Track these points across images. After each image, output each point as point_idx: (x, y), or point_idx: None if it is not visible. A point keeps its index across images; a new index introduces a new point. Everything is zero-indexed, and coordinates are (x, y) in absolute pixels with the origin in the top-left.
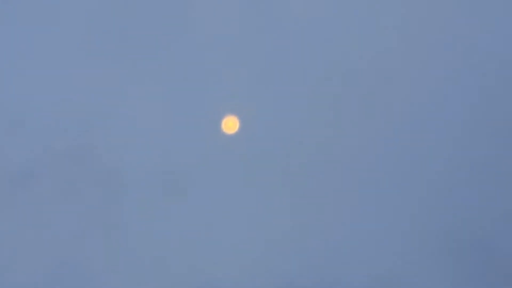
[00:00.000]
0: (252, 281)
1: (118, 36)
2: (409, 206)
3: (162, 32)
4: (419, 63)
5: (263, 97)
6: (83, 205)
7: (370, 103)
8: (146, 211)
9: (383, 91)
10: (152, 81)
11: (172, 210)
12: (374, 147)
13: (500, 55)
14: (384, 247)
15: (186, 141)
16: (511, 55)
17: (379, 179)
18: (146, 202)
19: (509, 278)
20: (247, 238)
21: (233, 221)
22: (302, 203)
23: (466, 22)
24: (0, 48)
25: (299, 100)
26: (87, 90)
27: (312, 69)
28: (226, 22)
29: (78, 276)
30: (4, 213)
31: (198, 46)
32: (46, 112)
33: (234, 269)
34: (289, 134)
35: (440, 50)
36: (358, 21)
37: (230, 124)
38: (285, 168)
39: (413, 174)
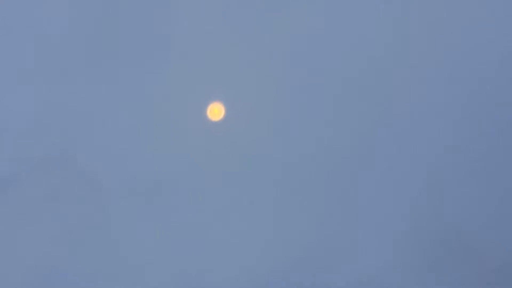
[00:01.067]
0: (240, 283)
1: (96, 42)
2: (400, 208)
3: (140, 33)
4: (416, 64)
5: (255, 93)
6: (64, 211)
7: (363, 93)
8: (127, 216)
9: (377, 84)
10: (132, 86)
11: (154, 214)
12: (366, 146)
13: (497, 55)
14: (374, 249)
15: (167, 146)
16: (507, 57)
17: (371, 179)
18: (128, 207)
19: (496, 280)
20: (236, 238)
21: (220, 222)
22: (291, 204)
23: (463, 22)
24: None
25: (289, 91)
26: (67, 98)
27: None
28: (211, 11)
29: (58, 282)
30: None
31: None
32: (25, 119)
33: (222, 270)
34: (282, 134)
35: (437, 52)
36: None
37: (216, 111)
38: (275, 170)
39: (405, 176)
